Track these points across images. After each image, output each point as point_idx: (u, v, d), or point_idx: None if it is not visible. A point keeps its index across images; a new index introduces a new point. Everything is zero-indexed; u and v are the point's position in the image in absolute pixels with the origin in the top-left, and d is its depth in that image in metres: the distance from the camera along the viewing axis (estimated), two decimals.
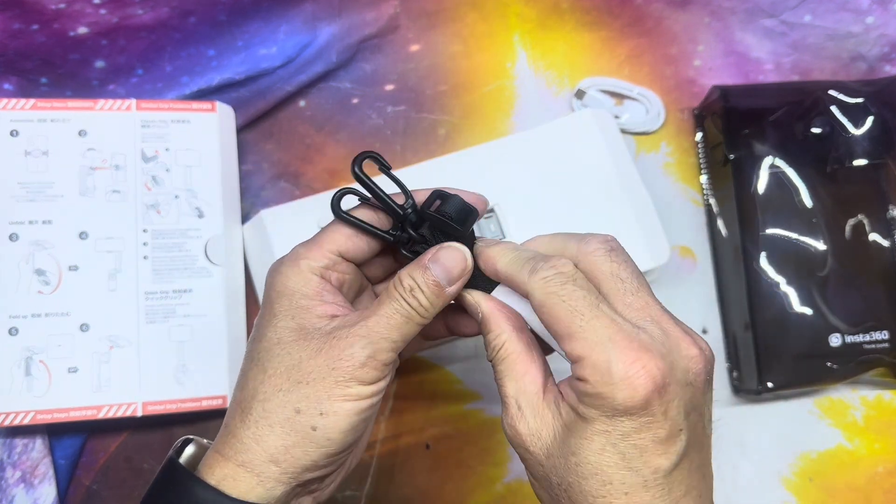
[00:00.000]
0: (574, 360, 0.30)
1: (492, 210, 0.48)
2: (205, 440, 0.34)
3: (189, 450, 0.34)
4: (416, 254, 0.34)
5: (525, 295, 0.32)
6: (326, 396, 0.31)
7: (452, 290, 0.33)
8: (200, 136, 0.49)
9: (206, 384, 0.47)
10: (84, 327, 0.46)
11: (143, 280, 0.47)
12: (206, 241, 0.49)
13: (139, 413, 0.46)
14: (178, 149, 0.49)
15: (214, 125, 0.50)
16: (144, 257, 0.48)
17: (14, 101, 0.48)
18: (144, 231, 0.48)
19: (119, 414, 0.46)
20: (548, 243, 0.34)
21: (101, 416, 0.46)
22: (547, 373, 0.33)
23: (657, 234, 0.49)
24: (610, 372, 0.28)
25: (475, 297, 0.34)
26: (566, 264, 0.31)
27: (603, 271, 0.31)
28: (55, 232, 0.47)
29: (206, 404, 0.47)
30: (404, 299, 0.32)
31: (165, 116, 0.49)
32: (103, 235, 0.47)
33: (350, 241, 0.34)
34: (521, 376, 0.32)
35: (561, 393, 0.31)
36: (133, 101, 0.49)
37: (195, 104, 0.50)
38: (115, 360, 0.46)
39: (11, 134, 0.47)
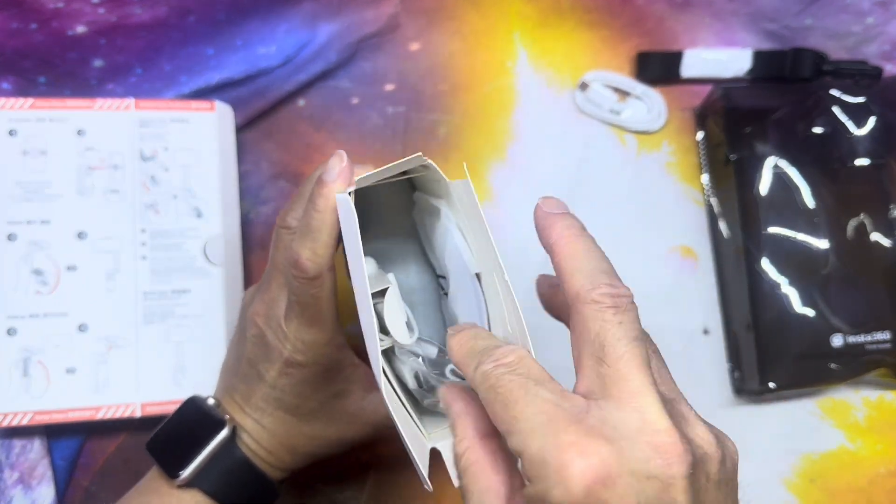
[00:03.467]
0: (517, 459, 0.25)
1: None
2: None
3: None
4: None
5: None
6: None
7: (332, 179, 0.33)
8: (199, 135, 0.49)
9: (205, 385, 0.47)
10: (82, 328, 0.46)
11: (142, 280, 0.47)
12: (204, 241, 0.48)
13: (138, 414, 0.46)
14: (176, 148, 0.49)
15: (213, 124, 0.50)
16: (143, 257, 0.47)
17: (12, 100, 0.47)
18: (143, 231, 0.48)
19: (117, 415, 0.45)
20: (581, 258, 0.28)
21: (99, 416, 0.45)
22: (514, 486, 0.27)
23: None
24: (544, 462, 0.23)
25: (449, 395, 0.30)
26: (509, 353, 0.26)
27: (589, 329, 0.26)
28: (53, 232, 0.46)
29: None
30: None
31: (164, 116, 0.49)
32: (101, 235, 0.47)
33: None
34: (482, 491, 0.27)
35: None
36: (131, 101, 0.49)
37: (194, 103, 0.50)
38: (113, 360, 0.46)
39: (9, 133, 0.47)
